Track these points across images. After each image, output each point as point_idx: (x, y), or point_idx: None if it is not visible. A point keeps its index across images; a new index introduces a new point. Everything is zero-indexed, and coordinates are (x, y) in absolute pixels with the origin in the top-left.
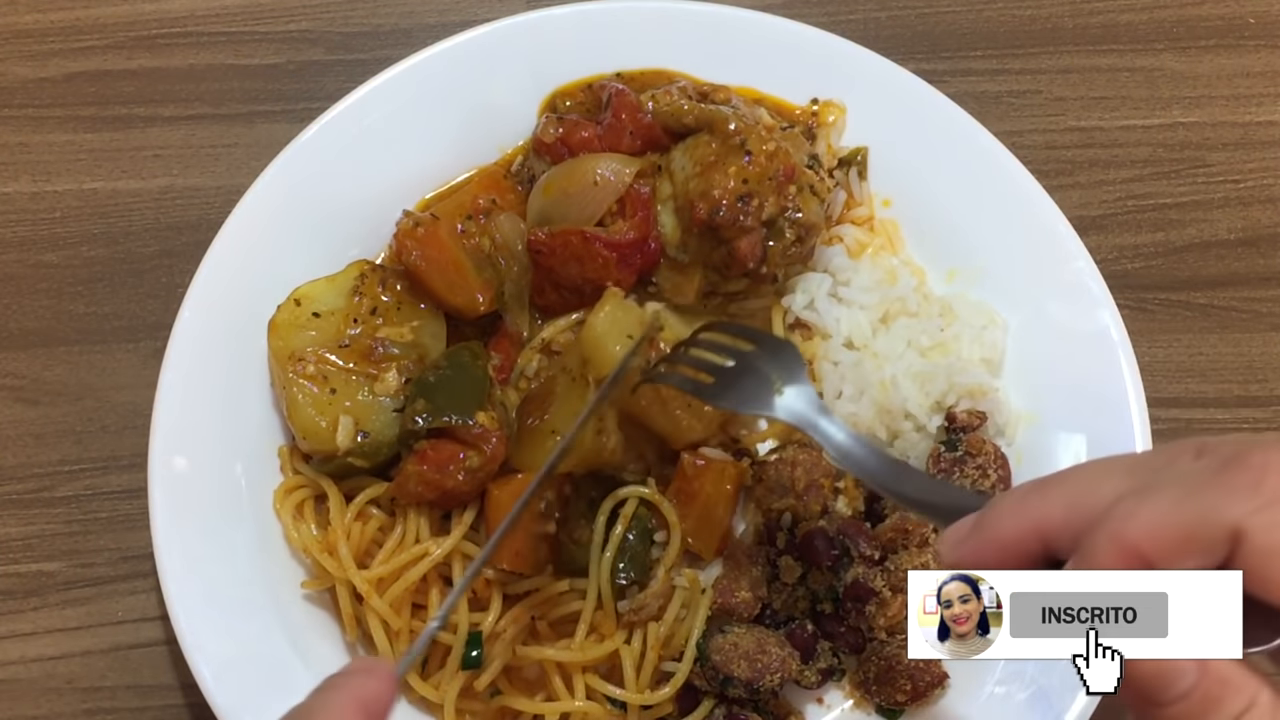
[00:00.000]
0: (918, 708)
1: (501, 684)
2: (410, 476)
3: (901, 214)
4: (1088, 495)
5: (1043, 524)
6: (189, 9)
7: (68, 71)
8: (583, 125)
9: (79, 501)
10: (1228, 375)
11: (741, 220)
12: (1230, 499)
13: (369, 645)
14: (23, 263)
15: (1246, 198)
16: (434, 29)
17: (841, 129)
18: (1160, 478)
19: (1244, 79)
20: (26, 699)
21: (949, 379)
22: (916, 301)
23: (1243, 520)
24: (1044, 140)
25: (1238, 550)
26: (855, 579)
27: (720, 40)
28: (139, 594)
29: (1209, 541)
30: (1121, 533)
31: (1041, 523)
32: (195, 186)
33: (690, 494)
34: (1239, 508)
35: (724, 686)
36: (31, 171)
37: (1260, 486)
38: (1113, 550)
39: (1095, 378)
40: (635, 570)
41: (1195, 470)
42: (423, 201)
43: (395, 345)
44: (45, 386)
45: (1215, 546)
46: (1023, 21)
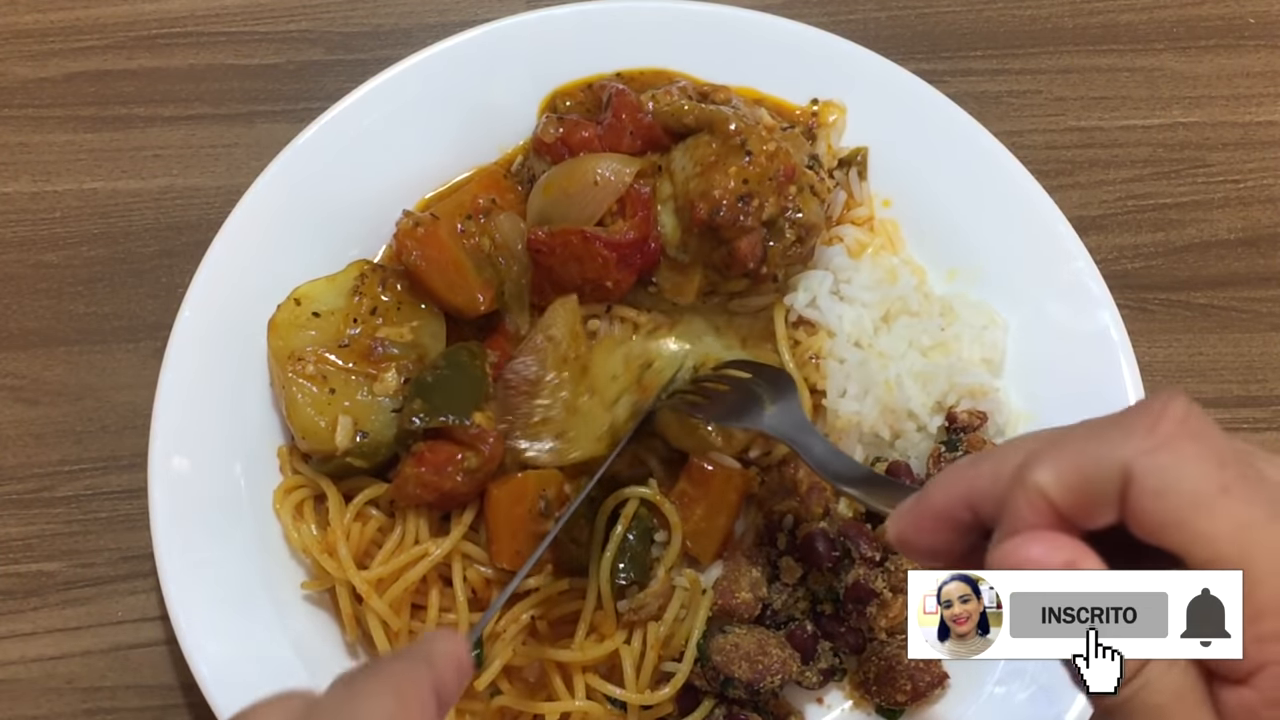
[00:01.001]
0: (918, 708)
1: (501, 684)
2: (409, 479)
3: (901, 214)
4: (1011, 458)
5: (971, 491)
6: (189, 9)
7: (68, 71)
8: (583, 125)
9: (79, 501)
10: (1228, 375)
11: (742, 220)
12: (1124, 440)
13: (369, 645)
14: (23, 263)
15: (1246, 198)
16: (434, 29)
17: (841, 129)
18: (1068, 431)
19: (1244, 79)
20: (26, 699)
21: (949, 379)
22: (918, 301)
23: (1132, 460)
24: (1044, 140)
25: (1127, 491)
26: (856, 580)
27: (720, 40)
28: (139, 594)
29: (1102, 483)
30: (1029, 481)
31: (970, 490)
32: (195, 186)
33: (695, 498)
34: (1130, 448)
35: (724, 687)
36: (31, 171)
37: (1154, 429)
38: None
39: (1095, 378)
40: (635, 570)
41: (1100, 419)
42: (423, 201)
43: (395, 345)
44: (45, 386)
45: (1109, 488)
46: (1023, 21)
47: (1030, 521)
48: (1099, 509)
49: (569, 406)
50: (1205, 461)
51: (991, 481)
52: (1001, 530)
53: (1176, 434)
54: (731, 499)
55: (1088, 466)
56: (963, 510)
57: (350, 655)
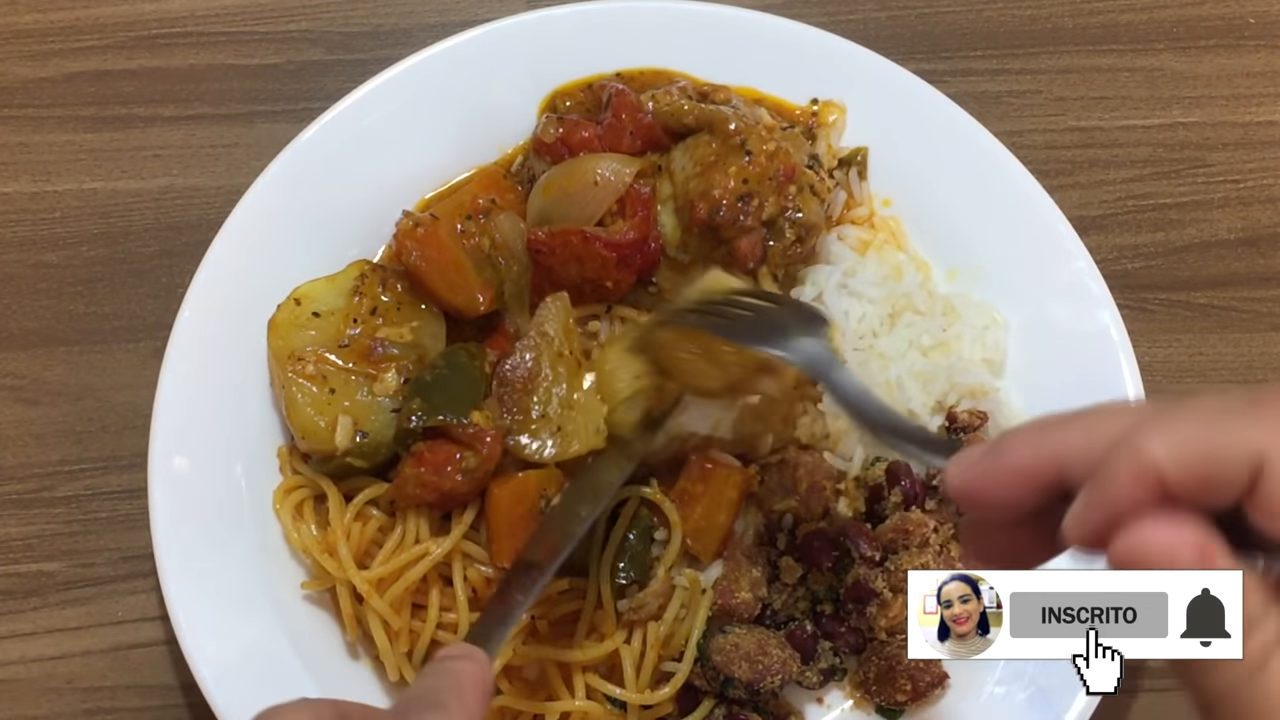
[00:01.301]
0: (918, 708)
1: (501, 684)
2: (408, 479)
3: (901, 214)
4: (1108, 423)
5: (1061, 451)
6: (189, 9)
7: (68, 71)
8: (583, 125)
9: (79, 501)
10: (1228, 375)
11: (742, 220)
12: (1258, 427)
13: (369, 645)
14: (23, 263)
15: (1246, 198)
16: (434, 29)
17: (841, 129)
18: (1184, 406)
19: (1244, 79)
20: (26, 699)
21: (950, 379)
22: (923, 299)
23: (1269, 448)
24: (1044, 140)
25: (1259, 483)
26: (856, 580)
27: (720, 40)
28: (139, 594)
29: (1230, 466)
30: (1140, 450)
31: (1060, 450)
32: (195, 186)
33: (694, 496)
34: (1267, 436)
35: (724, 687)
36: (31, 171)
37: None
38: (1130, 469)
39: (1095, 378)
40: (635, 570)
41: (1222, 401)
42: (423, 201)
43: (395, 345)
44: (45, 386)
45: (1235, 473)
46: (1023, 21)
47: (1130, 493)
48: (1217, 492)
49: (566, 402)
50: None
51: (1083, 444)
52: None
53: None
54: (731, 496)
55: (1213, 447)
56: (1046, 469)
57: (350, 655)
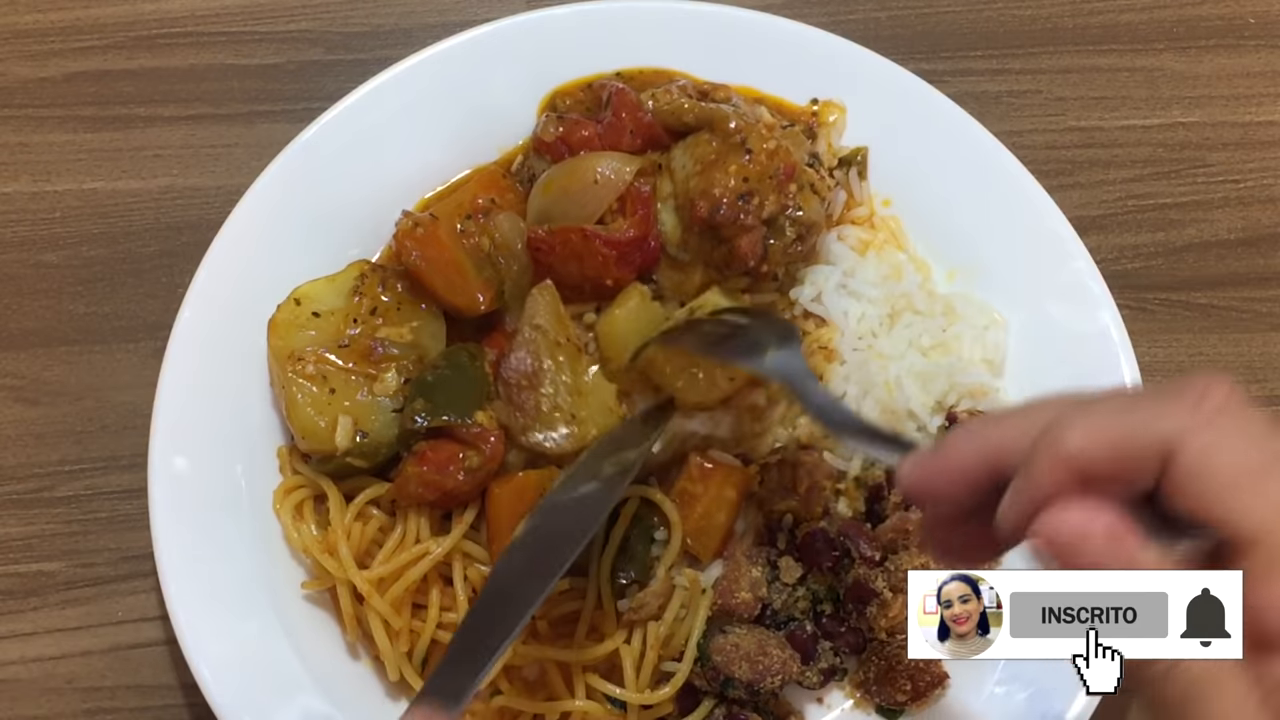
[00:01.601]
0: (918, 708)
1: (501, 684)
2: (410, 478)
3: (901, 214)
4: (1039, 417)
5: (997, 448)
6: (189, 9)
7: (68, 71)
8: (583, 124)
9: (79, 501)
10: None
11: (742, 218)
12: (1167, 415)
13: (370, 645)
14: (23, 263)
15: (1246, 198)
16: (434, 29)
17: (841, 129)
18: (1102, 398)
19: (1244, 79)
20: (26, 699)
21: (950, 379)
22: (922, 299)
23: (1176, 436)
24: (1044, 140)
25: (1169, 467)
26: (856, 580)
27: (720, 40)
28: (139, 594)
29: (1141, 454)
30: (1059, 441)
31: (996, 447)
32: (195, 186)
33: (694, 496)
34: (1174, 423)
35: (724, 687)
36: (31, 171)
37: (1199, 406)
38: (1050, 459)
39: (1095, 378)
40: (635, 569)
41: (1137, 391)
42: (422, 201)
43: (395, 345)
44: (45, 386)
45: (1147, 458)
46: (1023, 21)
47: (1052, 482)
48: (1133, 477)
49: (573, 389)
50: (1249, 440)
51: (1018, 438)
52: (1020, 487)
53: (1221, 412)
54: (731, 496)
55: (1126, 436)
56: (985, 465)
57: (350, 655)
